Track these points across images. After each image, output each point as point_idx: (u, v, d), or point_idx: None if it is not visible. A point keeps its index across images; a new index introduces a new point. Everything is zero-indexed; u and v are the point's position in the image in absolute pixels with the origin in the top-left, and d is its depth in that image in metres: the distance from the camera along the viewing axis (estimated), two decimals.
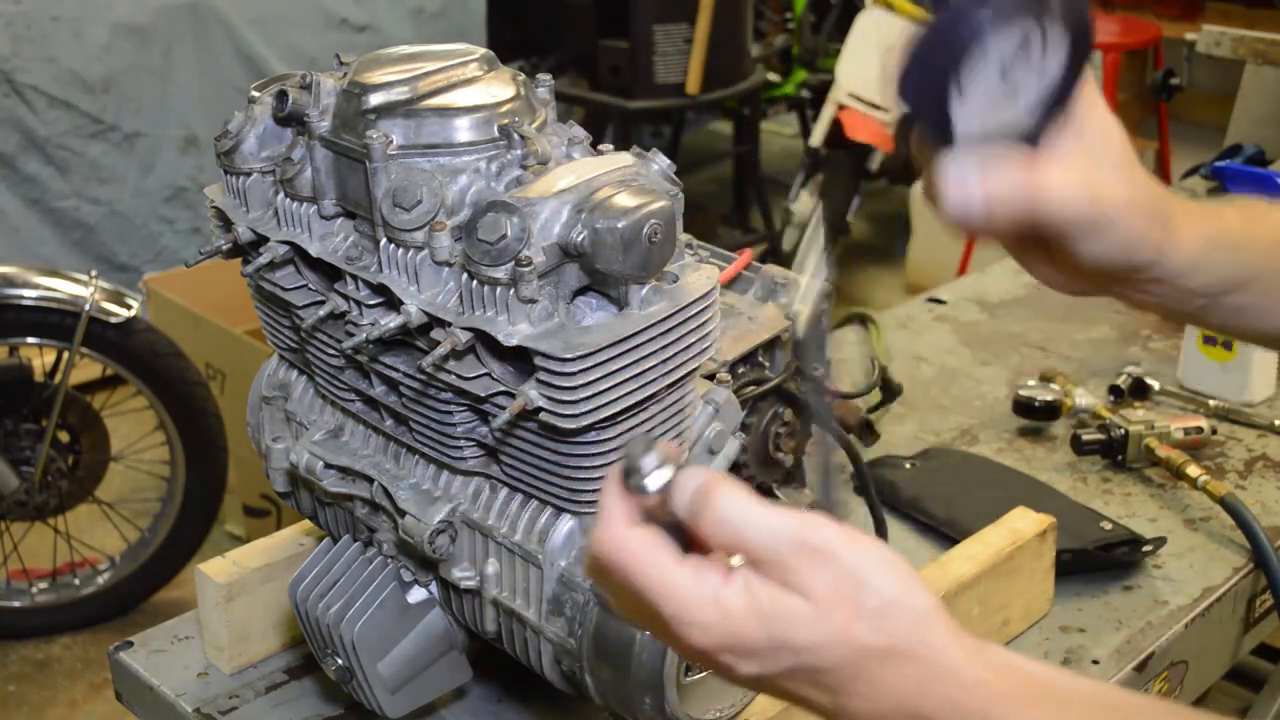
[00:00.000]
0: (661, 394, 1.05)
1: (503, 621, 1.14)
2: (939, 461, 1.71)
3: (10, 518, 3.16)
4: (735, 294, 1.38)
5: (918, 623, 0.72)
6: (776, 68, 5.73)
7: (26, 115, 4.13)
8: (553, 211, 0.99)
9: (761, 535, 0.72)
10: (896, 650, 0.72)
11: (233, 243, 1.18)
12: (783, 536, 0.72)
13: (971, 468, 1.70)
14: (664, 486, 0.74)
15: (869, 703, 0.73)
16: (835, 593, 0.71)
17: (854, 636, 0.72)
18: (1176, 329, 2.06)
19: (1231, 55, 3.16)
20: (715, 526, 0.73)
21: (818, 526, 0.73)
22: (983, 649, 0.74)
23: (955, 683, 0.72)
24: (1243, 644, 1.59)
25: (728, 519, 0.73)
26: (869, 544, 0.73)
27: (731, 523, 0.73)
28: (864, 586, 0.72)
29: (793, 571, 0.72)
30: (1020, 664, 0.74)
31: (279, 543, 1.41)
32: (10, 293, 2.98)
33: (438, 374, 1.04)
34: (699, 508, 0.73)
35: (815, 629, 0.71)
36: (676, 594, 0.73)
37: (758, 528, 0.72)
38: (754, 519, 0.73)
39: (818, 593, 0.71)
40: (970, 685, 0.72)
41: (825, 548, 0.72)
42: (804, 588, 0.72)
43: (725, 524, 0.73)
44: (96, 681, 3.14)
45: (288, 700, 1.32)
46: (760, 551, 0.72)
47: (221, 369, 3.44)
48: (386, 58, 1.11)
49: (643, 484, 0.74)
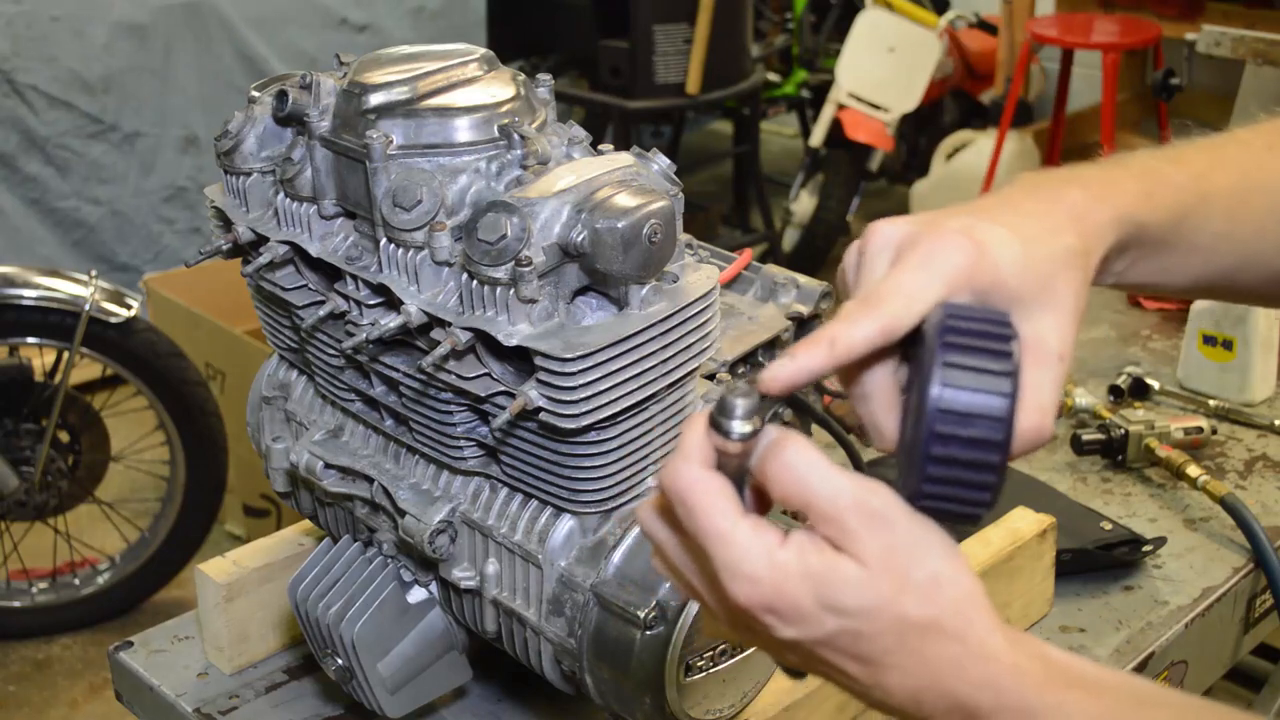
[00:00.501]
0: (661, 394, 1.05)
1: (503, 621, 1.14)
2: None
3: (10, 518, 3.16)
4: (735, 294, 1.38)
5: (964, 602, 0.72)
6: (776, 68, 5.73)
7: (26, 115, 4.14)
8: (553, 211, 0.99)
9: (825, 488, 0.72)
10: (941, 625, 0.72)
11: (233, 243, 1.18)
12: (845, 494, 0.72)
13: None
14: (750, 435, 0.73)
15: (906, 677, 0.73)
16: (887, 560, 0.71)
17: (900, 606, 0.71)
18: (1177, 329, 2.06)
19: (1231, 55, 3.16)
20: (781, 472, 0.73)
21: (881, 493, 0.72)
22: (1021, 638, 0.74)
23: (994, 666, 0.72)
24: (1243, 644, 1.59)
25: (794, 468, 0.73)
26: (926, 520, 0.73)
27: (797, 472, 0.73)
28: (915, 558, 0.72)
29: (849, 532, 0.72)
30: (1054, 655, 0.74)
31: (279, 543, 1.41)
32: (10, 293, 2.98)
33: (438, 374, 1.04)
34: (768, 454, 0.73)
35: (863, 594, 0.71)
36: (735, 543, 0.73)
37: (822, 480, 0.72)
38: (820, 472, 0.73)
39: (870, 557, 0.71)
40: (1007, 670, 0.71)
41: (884, 513, 0.72)
42: (858, 551, 0.71)
43: (791, 472, 0.73)
44: (96, 681, 3.14)
45: (288, 700, 1.32)
46: (821, 503, 0.72)
47: (221, 369, 3.44)
48: (386, 58, 1.11)
49: (730, 429, 0.73)
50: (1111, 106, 4.41)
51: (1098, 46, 4.52)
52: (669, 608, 1.02)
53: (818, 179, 5.19)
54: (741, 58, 4.79)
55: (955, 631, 0.72)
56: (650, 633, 1.02)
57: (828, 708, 1.21)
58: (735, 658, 1.08)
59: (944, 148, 5.16)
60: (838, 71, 5.06)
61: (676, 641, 1.02)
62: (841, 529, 0.72)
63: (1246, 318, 1.83)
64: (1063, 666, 0.73)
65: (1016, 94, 4.67)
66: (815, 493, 0.72)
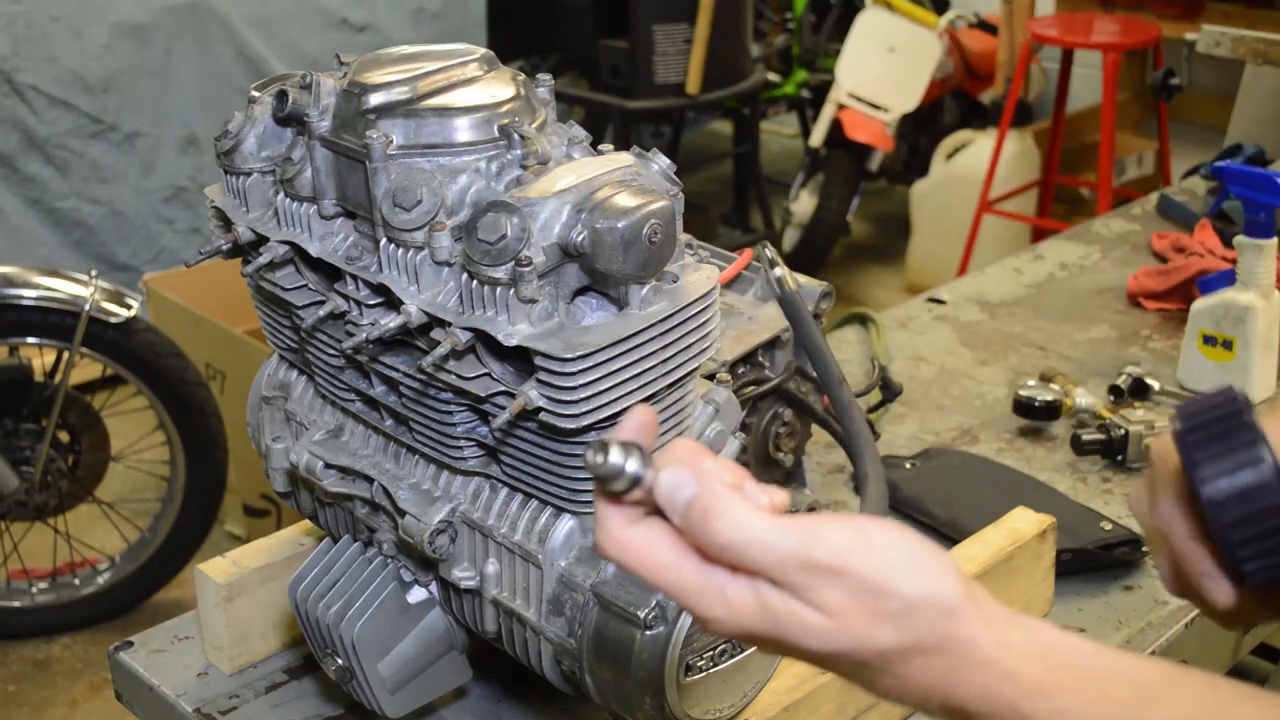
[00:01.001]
0: (661, 394, 1.05)
1: (503, 621, 1.14)
2: (939, 461, 1.71)
3: (10, 518, 3.16)
4: (735, 294, 1.38)
5: (944, 618, 0.71)
6: (776, 68, 5.73)
7: (26, 115, 4.13)
8: (553, 211, 0.99)
9: (767, 556, 0.70)
10: (922, 647, 0.71)
11: (233, 243, 1.18)
12: (789, 556, 0.70)
13: (971, 468, 1.70)
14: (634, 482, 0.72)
15: (900, 687, 0.73)
16: (851, 605, 0.70)
17: (876, 640, 0.71)
18: (1177, 329, 2.06)
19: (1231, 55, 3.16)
20: (716, 552, 0.71)
21: (825, 538, 0.71)
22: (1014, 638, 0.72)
23: (984, 673, 0.71)
24: (1243, 644, 1.59)
25: (729, 545, 0.71)
26: (883, 543, 0.71)
27: (733, 548, 0.71)
28: (883, 593, 0.70)
29: (804, 589, 0.71)
30: (1059, 646, 0.73)
31: (279, 543, 1.41)
32: (10, 293, 2.98)
33: (438, 374, 1.04)
34: (696, 526, 0.71)
35: (832, 642, 0.71)
36: (685, 589, 0.73)
37: (761, 548, 0.70)
38: (756, 538, 0.70)
39: (833, 608, 0.70)
40: (999, 676, 0.71)
41: (835, 564, 0.70)
42: (818, 604, 0.71)
43: (726, 550, 0.71)
44: (96, 681, 3.14)
45: (288, 700, 1.32)
46: (766, 573, 0.71)
47: (221, 369, 3.44)
48: (386, 58, 1.11)
49: (612, 487, 0.72)
50: (1111, 106, 4.41)
51: (1098, 46, 4.52)
52: (669, 608, 1.02)
53: (818, 179, 5.19)
54: (741, 58, 4.79)
55: (937, 648, 0.71)
56: (650, 633, 1.02)
57: (828, 708, 1.21)
58: (735, 658, 1.08)
59: (944, 148, 5.16)
60: (838, 71, 5.06)
61: (676, 641, 1.02)
62: (795, 588, 0.71)
63: (1246, 318, 1.83)
64: (1064, 661, 0.72)
65: (1016, 94, 4.67)
66: (757, 563, 0.71)
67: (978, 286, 2.31)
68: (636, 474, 0.72)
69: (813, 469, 1.49)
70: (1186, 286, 2.14)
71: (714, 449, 1.15)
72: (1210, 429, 0.75)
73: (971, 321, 2.18)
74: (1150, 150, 5.20)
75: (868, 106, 4.98)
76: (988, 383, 1.97)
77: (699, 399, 1.14)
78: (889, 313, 2.20)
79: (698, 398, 1.13)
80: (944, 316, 2.19)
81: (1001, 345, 2.09)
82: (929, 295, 2.28)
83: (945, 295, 2.27)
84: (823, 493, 1.60)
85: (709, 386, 1.17)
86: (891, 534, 0.72)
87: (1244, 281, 1.84)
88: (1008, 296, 2.27)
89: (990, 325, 2.16)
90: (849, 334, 2.08)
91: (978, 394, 1.94)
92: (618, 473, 0.71)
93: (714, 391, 1.16)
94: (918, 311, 2.21)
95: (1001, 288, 2.30)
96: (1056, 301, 2.25)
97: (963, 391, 1.94)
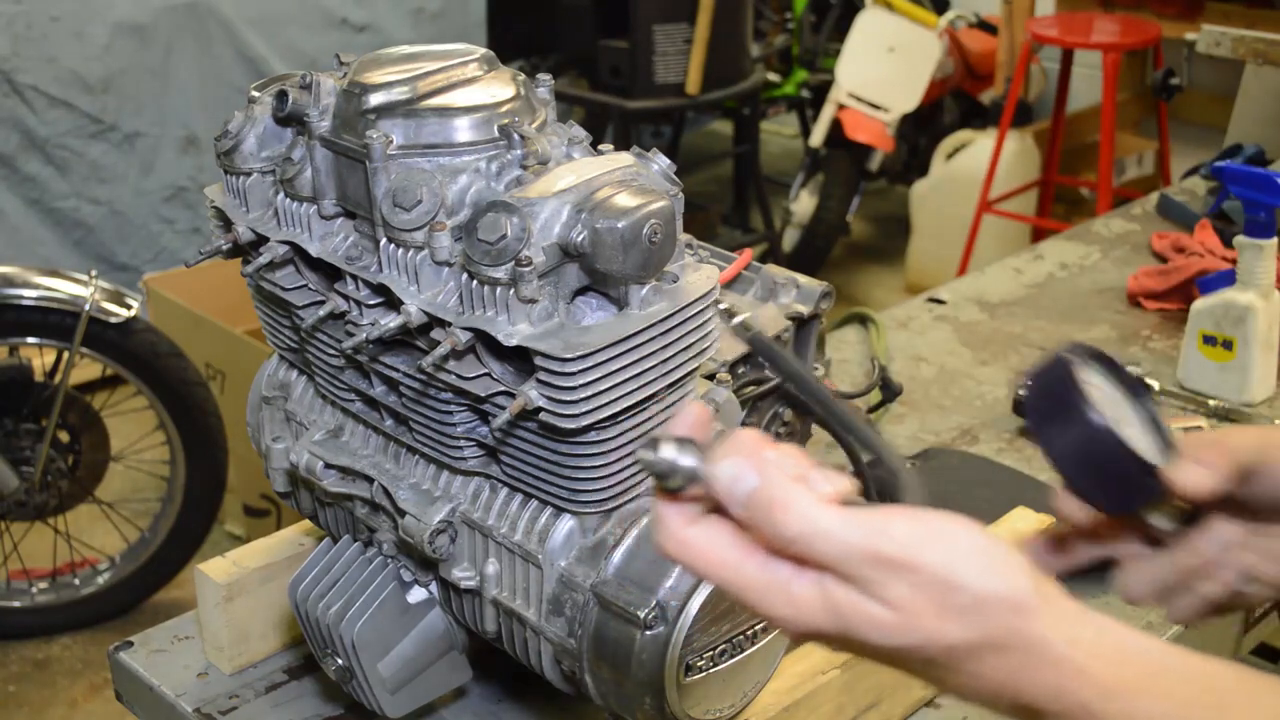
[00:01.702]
0: (661, 394, 1.05)
1: (503, 621, 1.14)
2: (939, 461, 1.71)
3: (10, 518, 3.16)
4: (735, 294, 1.38)
5: (1014, 614, 0.70)
6: (776, 68, 5.73)
7: (26, 115, 4.13)
8: (553, 211, 0.99)
9: (833, 549, 0.69)
10: (992, 643, 0.70)
11: (233, 243, 1.18)
12: (855, 550, 0.69)
13: (971, 468, 1.70)
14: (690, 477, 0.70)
15: (971, 684, 0.72)
16: (919, 599, 0.69)
17: (944, 635, 0.69)
18: (1177, 329, 2.06)
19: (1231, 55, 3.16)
20: (782, 544, 0.70)
21: (893, 531, 0.69)
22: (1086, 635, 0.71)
23: (1056, 671, 0.70)
24: (1243, 644, 1.59)
25: (795, 538, 0.70)
26: (951, 536, 0.70)
27: (799, 541, 0.70)
28: (952, 587, 0.69)
29: (871, 583, 0.69)
30: (1132, 645, 0.72)
31: (279, 543, 1.41)
32: (10, 293, 2.98)
33: (438, 374, 1.04)
34: (760, 519, 0.70)
35: (899, 637, 0.70)
36: (749, 588, 0.71)
37: (827, 541, 0.69)
38: (822, 531, 0.69)
39: (900, 602, 0.69)
40: (1072, 674, 0.70)
41: (902, 557, 0.69)
42: (885, 598, 0.69)
43: (793, 543, 0.70)
44: (96, 681, 3.14)
45: (288, 700, 1.32)
46: (833, 567, 0.70)
47: (221, 369, 3.44)
48: (386, 58, 1.11)
49: (669, 484, 0.71)
50: (1111, 106, 4.41)
51: (1098, 46, 4.52)
52: (669, 608, 1.02)
53: (818, 179, 5.19)
54: (741, 58, 4.79)
55: (1008, 644, 0.70)
56: (650, 633, 1.02)
57: (828, 708, 1.21)
58: (735, 658, 1.08)
59: (944, 148, 5.16)
60: (838, 71, 5.06)
61: (676, 641, 1.02)
62: (862, 582, 0.70)
63: (1246, 318, 1.83)
64: (1138, 660, 0.71)
65: (1016, 94, 4.67)
66: (823, 556, 0.70)
67: (978, 286, 2.31)
68: (692, 468, 0.70)
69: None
70: (1186, 286, 2.14)
71: None
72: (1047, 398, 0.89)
73: (971, 321, 2.18)
74: (1150, 150, 5.20)
75: (868, 106, 4.98)
76: (988, 383, 1.97)
77: (699, 399, 1.14)
78: (889, 313, 2.20)
79: (698, 398, 1.13)
80: (944, 316, 2.19)
81: (1001, 345, 2.09)
82: (929, 295, 2.28)
83: (945, 295, 2.27)
84: None
85: (709, 386, 1.17)
86: (961, 528, 0.71)
87: (1244, 281, 1.84)
88: (1008, 296, 2.27)
89: (990, 325, 2.16)
90: (849, 334, 2.08)
91: (978, 394, 1.94)
92: (672, 468, 0.70)
93: (714, 391, 1.16)
94: (918, 311, 2.21)
95: (1001, 288, 2.30)
96: (1056, 301, 2.25)
97: (963, 391, 1.95)
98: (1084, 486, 0.91)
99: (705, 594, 1.02)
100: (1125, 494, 0.91)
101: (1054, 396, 0.89)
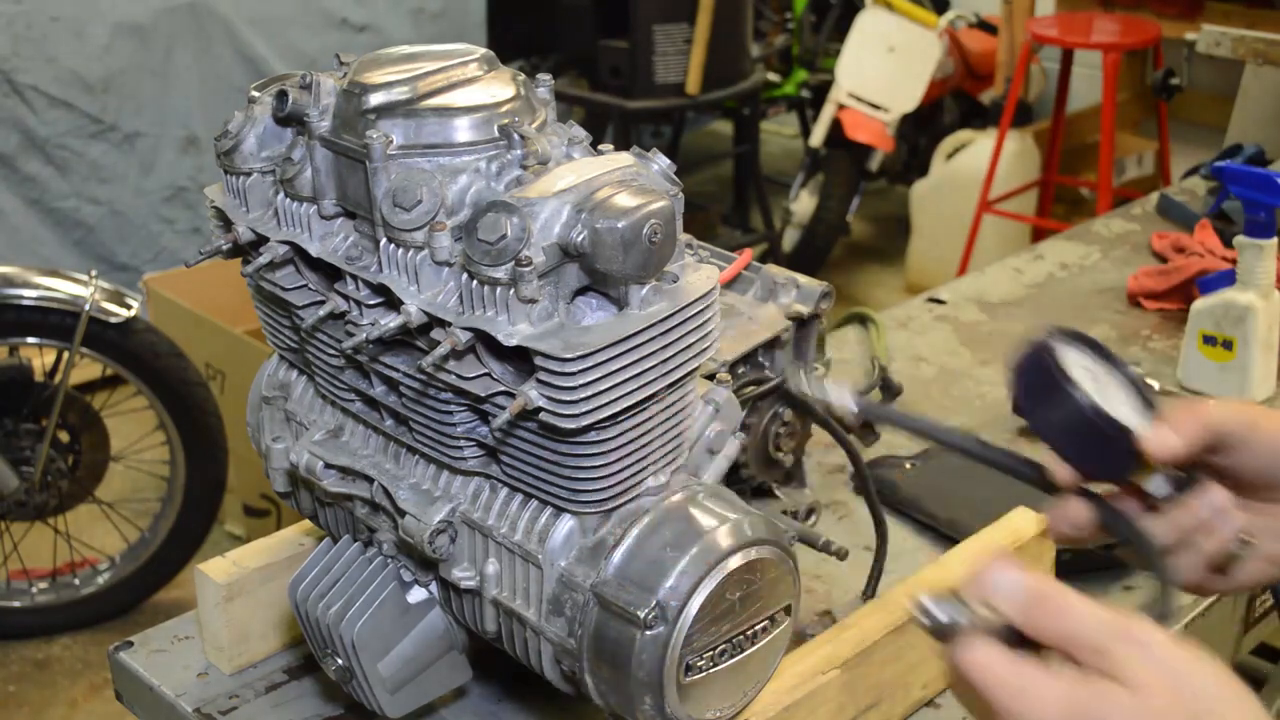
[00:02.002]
0: (661, 394, 1.05)
1: (503, 621, 1.14)
2: (939, 461, 1.71)
3: (10, 518, 3.16)
4: (735, 294, 1.38)
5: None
6: (776, 68, 5.73)
7: (26, 115, 4.14)
8: (553, 211, 0.99)
9: (1089, 622, 0.77)
10: None
11: (233, 243, 1.18)
12: (1108, 624, 0.76)
13: (972, 468, 1.69)
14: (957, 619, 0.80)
15: None
16: (1157, 681, 0.74)
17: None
18: (1177, 329, 2.06)
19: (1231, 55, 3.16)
20: (1048, 621, 0.78)
21: (1143, 622, 0.77)
22: None
23: None
24: (1243, 644, 1.59)
25: (1060, 615, 0.77)
26: (1194, 649, 0.76)
27: (1063, 617, 0.77)
28: (1192, 686, 0.74)
29: (1117, 658, 0.75)
30: None
31: (279, 543, 1.41)
32: (10, 293, 2.98)
33: (438, 374, 1.04)
34: (1031, 609, 0.78)
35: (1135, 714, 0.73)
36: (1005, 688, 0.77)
37: (1085, 617, 0.77)
38: (1082, 611, 0.77)
39: (1139, 679, 0.74)
40: None
41: (1148, 639, 0.75)
42: (1126, 675, 0.74)
43: (1058, 620, 0.77)
44: (96, 681, 3.14)
45: (288, 700, 1.32)
46: (1088, 639, 0.76)
47: (221, 369, 3.44)
48: (386, 58, 1.11)
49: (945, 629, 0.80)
50: (1111, 106, 4.41)
51: (1098, 46, 4.52)
52: (669, 608, 1.02)
53: (818, 179, 5.19)
54: (741, 58, 4.79)
55: None
56: (650, 633, 1.02)
57: (828, 708, 1.21)
58: (735, 658, 1.08)
59: (944, 148, 5.16)
60: (838, 71, 5.06)
61: (676, 641, 1.02)
62: (1108, 657, 0.75)
63: (1246, 318, 1.83)
64: None
65: (1016, 94, 4.67)
66: (1080, 628, 0.77)
67: (978, 286, 2.31)
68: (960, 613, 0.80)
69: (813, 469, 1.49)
70: (1186, 286, 2.14)
71: (714, 449, 1.15)
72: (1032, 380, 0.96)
73: (971, 321, 2.18)
74: (1150, 150, 5.20)
75: (868, 106, 4.98)
76: (988, 383, 1.97)
77: (699, 399, 1.14)
78: (889, 313, 2.20)
79: (698, 398, 1.13)
80: (944, 316, 2.19)
81: (1002, 345, 2.09)
82: (929, 295, 2.28)
83: (945, 295, 2.27)
84: (823, 493, 1.60)
85: (709, 386, 1.17)
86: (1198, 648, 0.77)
87: (1244, 281, 1.84)
88: (1008, 296, 2.27)
89: (990, 325, 2.16)
90: (849, 334, 2.08)
91: (978, 394, 1.94)
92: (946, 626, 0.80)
93: (714, 391, 1.16)
94: (918, 311, 2.21)
95: (1001, 288, 2.30)
96: (1056, 301, 2.25)
97: (963, 391, 1.94)
98: (1076, 458, 0.98)
99: (705, 594, 1.02)
100: (1114, 461, 0.97)
101: (1038, 377, 0.96)
